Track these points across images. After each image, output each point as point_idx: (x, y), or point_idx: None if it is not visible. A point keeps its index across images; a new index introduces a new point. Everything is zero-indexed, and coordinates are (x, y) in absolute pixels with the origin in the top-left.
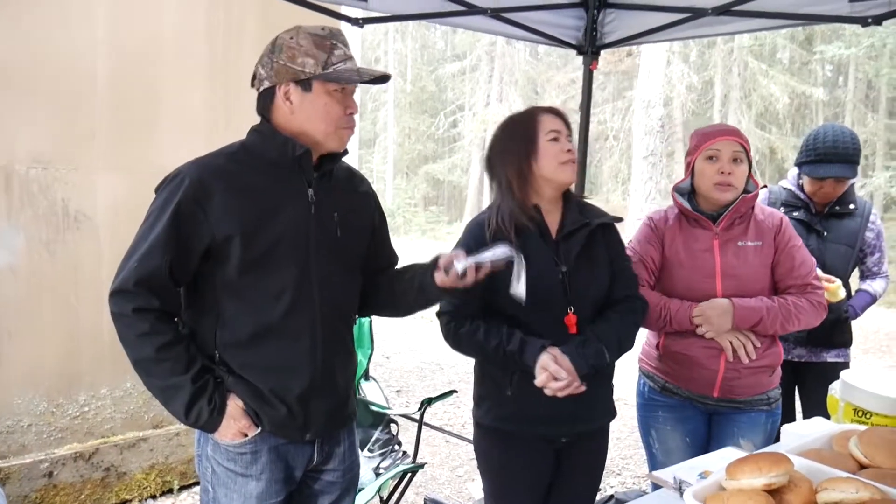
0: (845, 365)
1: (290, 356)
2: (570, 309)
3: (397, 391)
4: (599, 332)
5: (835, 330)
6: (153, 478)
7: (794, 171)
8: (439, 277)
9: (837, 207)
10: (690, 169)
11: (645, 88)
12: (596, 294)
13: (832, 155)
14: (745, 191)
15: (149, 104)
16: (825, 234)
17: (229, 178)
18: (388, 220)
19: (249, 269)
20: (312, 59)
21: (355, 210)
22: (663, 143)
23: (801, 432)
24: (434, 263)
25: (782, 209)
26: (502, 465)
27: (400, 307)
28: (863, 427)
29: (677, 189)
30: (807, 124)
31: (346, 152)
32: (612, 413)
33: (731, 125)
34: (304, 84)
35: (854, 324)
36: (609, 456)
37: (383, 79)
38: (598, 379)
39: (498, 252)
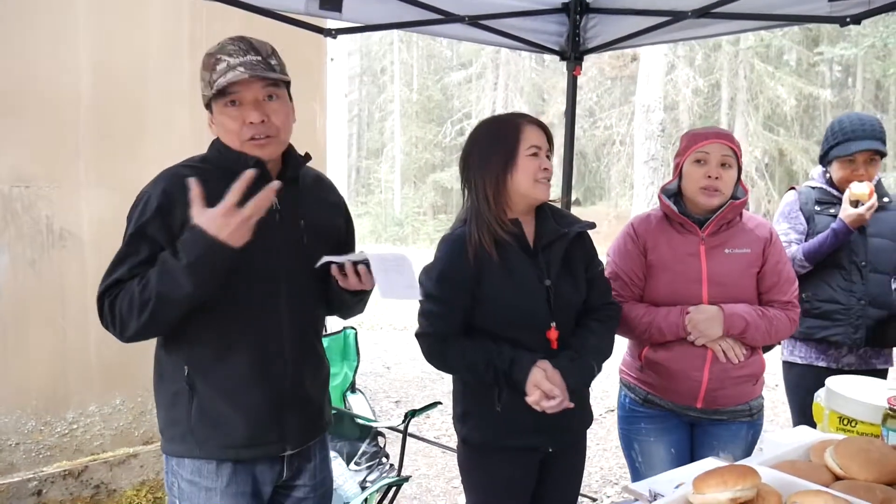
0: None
1: (260, 366)
2: (553, 324)
3: (396, 402)
4: (587, 346)
5: (889, 327)
6: (144, 494)
7: (818, 169)
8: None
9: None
10: (678, 171)
11: (644, 93)
12: (577, 304)
13: (860, 131)
14: (735, 197)
15: (133, 120)
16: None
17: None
18: (397, 229)
19: None
20: (203, 82)
21: (323, 217)
22: (666, 147)
23: (782, 441)
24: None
25: (817, 208)
26: (488, 480)
27: (337, 309)
28: (841, 436)
29: (664, 190)
30: (815, 126)
31: (308, 158)
32: (590, 416)
33: (723, 129)
34: (209, 107)
35: None
36: (607, 465)
37: (264, 78)
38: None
39: (381, 255)
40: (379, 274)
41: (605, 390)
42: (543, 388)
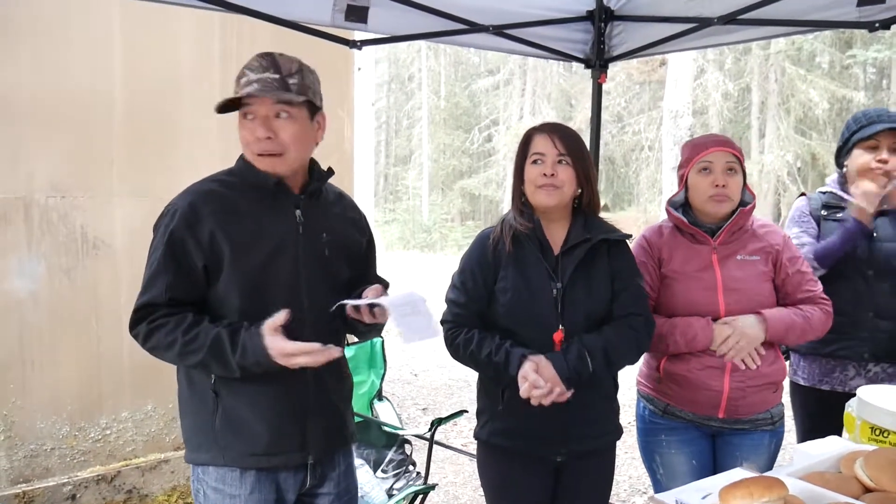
0: None
1: (282, 376)
2: (560, 326)
3: (423, 409)
4: (585, 340)
5: None
6: (175, 499)
7: (833, 176)
8: (349, 308)
9: (885, 205)
10: (684, 182)
11: (672, 98)
12: (591, 311)
13: (885, 116)
14: (743, 203)
15: (165, 131)
16: (874, 234)
17: (218, 202)
18: (424, 236)
19: (240, 288)
20: (234, 93)
21: (343, 232)
22: None
23: (813, 452)
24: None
25: (824, 212)
26: (500, 482)
27: (351, 333)
28: (872, 447)
29: (671, 202)
30: None
31: (331, 172)
32: (614, 432)
33: (723, 135)
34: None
35: None
36: (636, 473)
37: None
38: (593, 396)
39: (396, 300)
40: (399, 321)
41: (634, 398)
42: (529, 378)
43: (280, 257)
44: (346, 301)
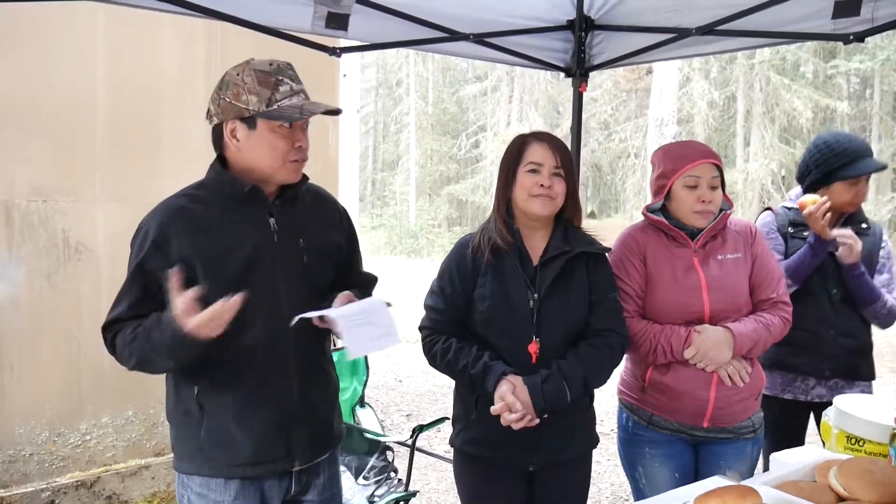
0: None
1: (266, 386)
2: (535, 338)
3: (407, 415)
4: (566, 368)
5: (857, 359)
6: None
7: (795, 190)
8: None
9: (849, 226)
10: (665, 192)
11: (658, 107)
12: (567, 323)
13: (864, 149)
14: (721, 210)
15: (149, 136)
16: (838, 254)
17: (188, 218)
18: (411, 241)
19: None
20: (256, 97)
21: (322, 234)
22: None
23: (788, 461)
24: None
25: (791, 230)
26: (474, 490)
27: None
28: (847, 456)
29: (650, 209)
30: None
31: (306, 178)
32: (589, 442)
33: (704, 144)
34: (249, 121)
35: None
36: (618, 481)
37: (332, 112)
38: (569, 408)
39: (348, 311)
40: (344, 332)
41: (616, 406)
42: (507, 400)
43: (255, 268)
44: (301, 314)
